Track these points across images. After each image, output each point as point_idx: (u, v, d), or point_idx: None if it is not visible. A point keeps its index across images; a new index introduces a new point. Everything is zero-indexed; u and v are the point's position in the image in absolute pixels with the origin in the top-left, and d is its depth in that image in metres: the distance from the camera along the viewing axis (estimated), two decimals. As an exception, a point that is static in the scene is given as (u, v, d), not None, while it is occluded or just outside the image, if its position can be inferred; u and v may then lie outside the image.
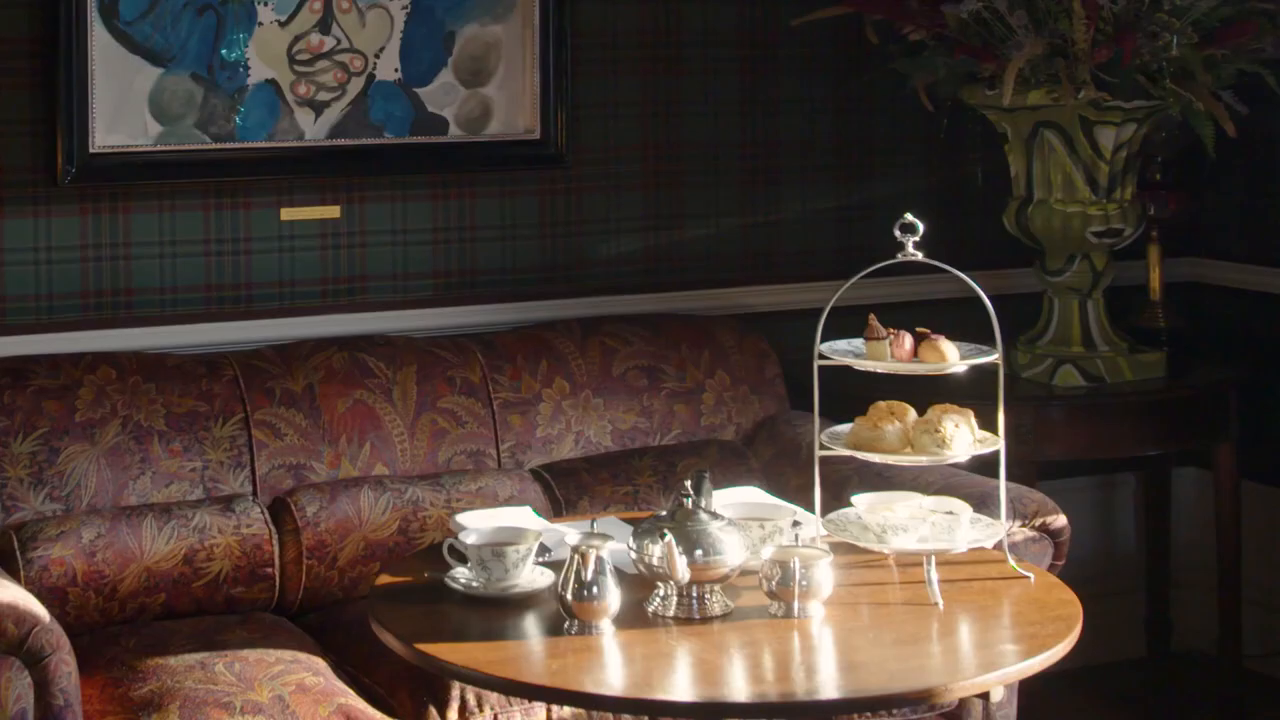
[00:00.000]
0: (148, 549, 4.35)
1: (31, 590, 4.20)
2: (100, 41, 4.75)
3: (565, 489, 4.74)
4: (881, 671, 3.40)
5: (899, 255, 3.89)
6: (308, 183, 5.03)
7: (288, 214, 5.03)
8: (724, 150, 5.45)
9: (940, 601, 3.69)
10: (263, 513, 4.48)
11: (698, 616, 3.59)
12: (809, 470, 3.97)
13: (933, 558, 3.74)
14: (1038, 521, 4.49)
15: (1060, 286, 5.29)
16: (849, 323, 4.13)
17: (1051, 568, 4.53)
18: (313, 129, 4.98)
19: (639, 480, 4.78)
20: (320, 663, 4.14)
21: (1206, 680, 5.68)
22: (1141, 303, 5.64)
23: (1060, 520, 4.52)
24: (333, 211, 5.07)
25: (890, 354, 3.79)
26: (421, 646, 3.46)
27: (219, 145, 4.90)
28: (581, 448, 4.93)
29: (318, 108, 4.98)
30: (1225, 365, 5.52)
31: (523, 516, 4.08)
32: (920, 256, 3.89)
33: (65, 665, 3.73)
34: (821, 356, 3.84)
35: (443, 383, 4.85)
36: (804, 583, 3.57)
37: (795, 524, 3.88)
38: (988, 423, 3.91)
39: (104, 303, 4.87)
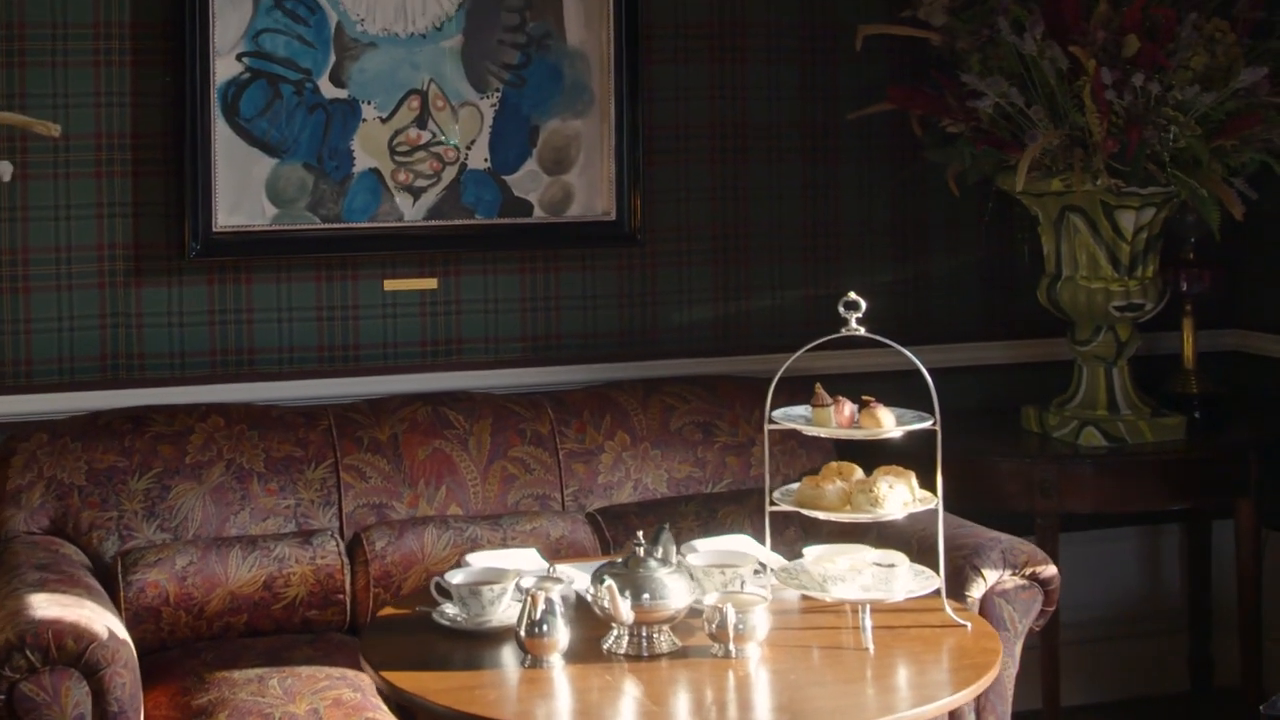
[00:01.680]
0: (232, 575, 4.41)
1: (129, 609, 4.31)
2: (223, 136, 4.84)
3: (614, 530, 4.71)
4: (787, 711, 3.33)
5: (843, 330, 3.79)
6: (408, 258, 5.06)
7: (390, 285, 5.06)
8: (787, 230, 5.38)
9: (871, 647, 3.61)
10: (337, 545, 4.52)
11: (646, 654, 3.56)
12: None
13: (868, 606, 3.65)
14: (1028, 571, 4.35)
15: (1088, 355, 5.14)
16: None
17: (1042, 614, 4.41)
18: (411, 211, 5.02)
19: (682, 524, 4.71)
20: (367, 680, 4.15)
21: (1242, 714, 5.46)
22: (1176, 370, 5.45)
23: (1050, 570, 4.37)
24: (430, 283, 5.09)
25: (833, 420, 3.72)
26: (386, 674, 3.48)
27: (328, 225, 4.96)
28: (639, 493, 4.89)
29: (416, 192, 5.02)
30: (1250, 428, 5.30)
31: (528, 558, 4.06)
32: (862, 331, 3.79)
33: (120, 677, 3.77)
34: (772, 421, 3.79)
35: (514, 434, 4.84)
36: (740, 626, 3.51)
37: (756, 571, 3.84)
38: (986, 480, 3.80)
39: (229, 360, 4.95)
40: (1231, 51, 4.87)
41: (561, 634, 3.48)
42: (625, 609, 3.49)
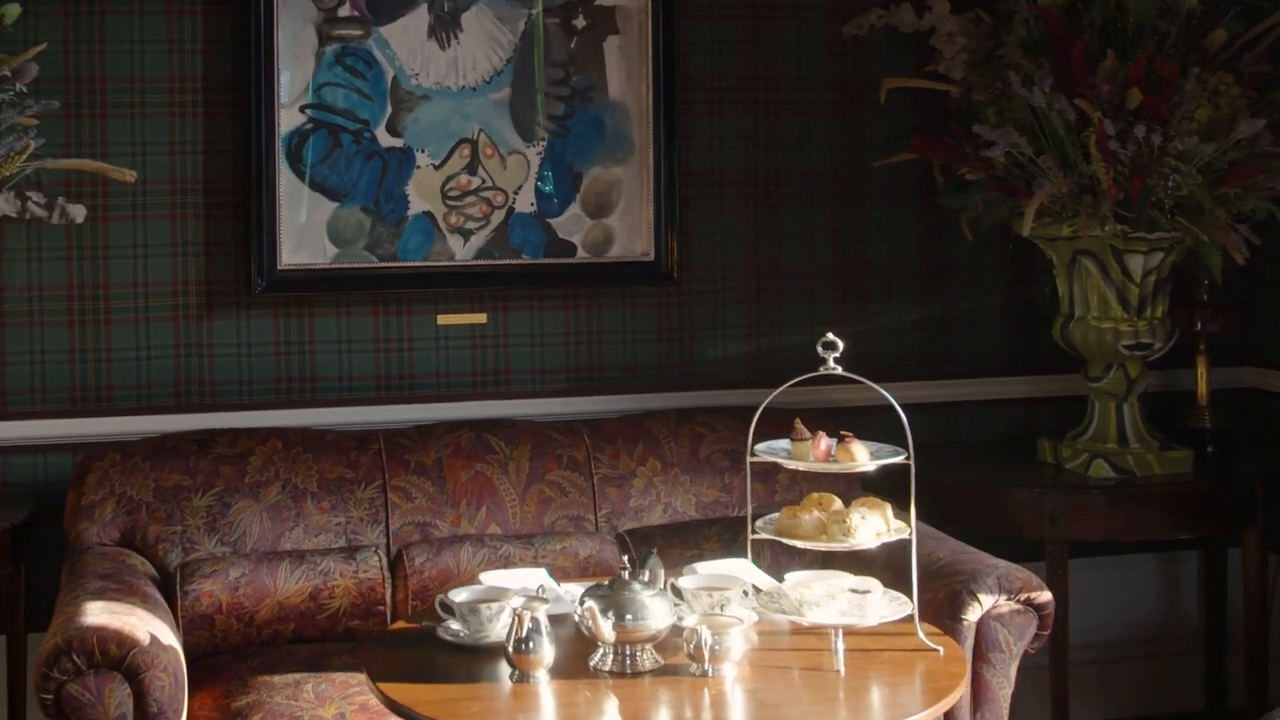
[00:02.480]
0: (281, 586, 4.45)
1: (185, 616, 4.37)
2: (287, 181, 4.91)
3: (640, 550, 4.69)
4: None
5: (821, 369, 3.77)
6: (459, 294, 5.10)
7: (443, 319, 5.10)
8: (818, 270, 5.36)
9: (842, 669, 3.57)
10: (380, 560, 4.55)
11: (629, 671, 3.54)
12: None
13: (840, 630, 3.61)
14: (1023, 596, 4.27)
15: (1099, 391, 5.07)
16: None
17: (1037, 638, 4.33)
18: (462, 251, 5.05)
19: (705, 545, 4.71)
20: (395, 686, 4.20)
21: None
22: (1191, 406, 5.37)
23: (1045, 595, 4.29)
24: (480, 318, 5.12)
25: (810, 454, 3.70)
26: (381, 685, 3.48)
27: (384, 264, 5.01)
28: (669, 516, 4.88)
29: (466, 234, 5.06)
30: (1259, 462, 5.19)
31: (537, 577, 4.06)
32: (839, 370, 3.75)
33: (159, 680, 3.80)
34: (754, 454, 3.77)
35: (552, 459, 4.85)
36: (715, 647, 3.48)
37: (746, 594, 3.81)
38: (1000, 508, 3.68)
39: (292, 388, 5.01)
40: (1236, 104, 4.80)
41: (547, 651, 3.47)
42: (606, 628, 3.48)
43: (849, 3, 5.28)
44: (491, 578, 4.00)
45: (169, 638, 3.96)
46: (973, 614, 4.24)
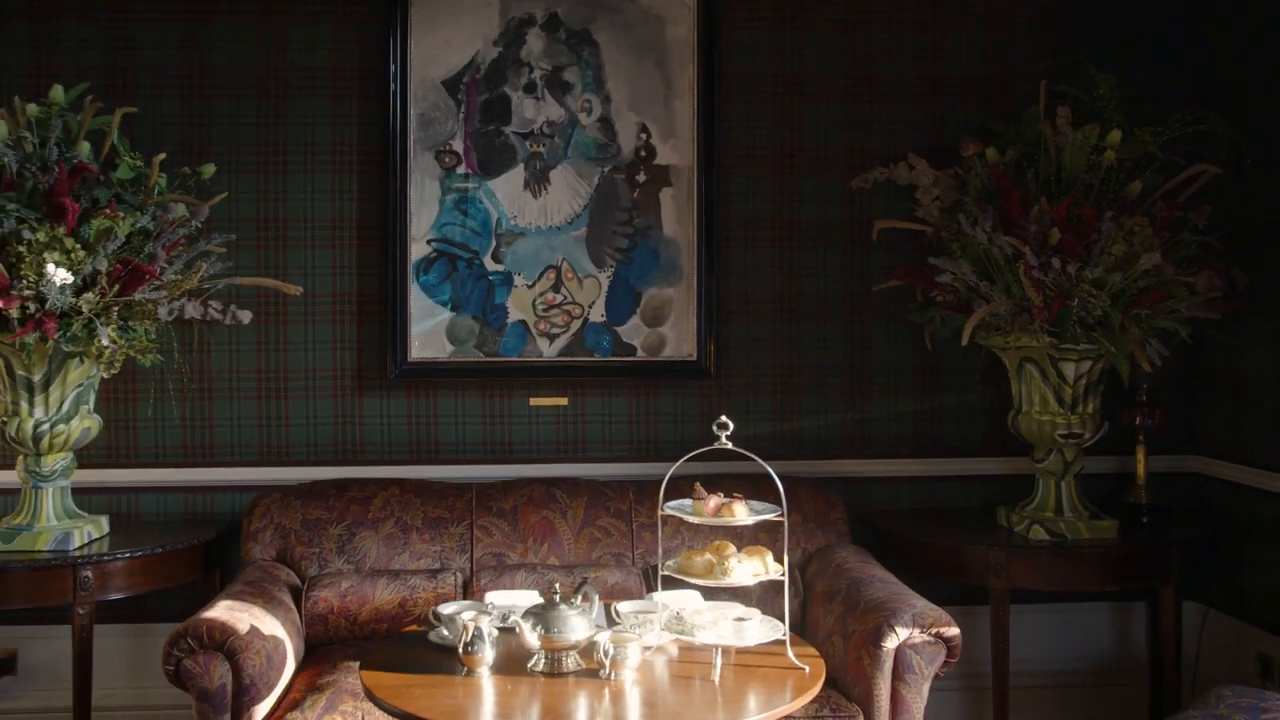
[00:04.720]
0: (378, 596, 4.71)
1: (306, 616, 4.66)
2: (416, 296, 5.18)
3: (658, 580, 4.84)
4: (646, 707, 3.46)
5: (715, 444, 3.86)
6: (546, 383, 5.29)
7: (534, 401, 5.28)
8: (830, 370, 5.40)
9: (717, 679, 3.64)
10: (455, 580, 4.76)
11: (555, 672, 3.66)
12: (835, 579, 4.15)
13: (719, 648, 3.69)
14: (934, 630, 4.27)
15: (1043, 470, 5.01)
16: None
17: (946, 664, 4.31)
18: (549, 350, 5.27)
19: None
20: (444, 674, 4.41)
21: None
22: (1132, 486, 5.24)
23: (953, 630, 4.28)
24: (563, 400, 5.29)
25: (704, 511, 3.80)
26: (362, 672, 3.66)
27: (489, 359, 5.24)
28: (690, 557, 5.02)
29: (552, 337, 5.27)
30: (1180, 531, 5.03)
31: (531, 598, 4.21)
32: (730, 445, 3.84)
33: (251, 661, 4.08)
34: (663, 509, 3.89)
35: (602, 509, 5.02)
36: (616, 656, 3.59)
37: (672, 617, 3.92)
38: (956, 561, 3.72)
39: (421, 449, 5.26)
40: (1149, 242, 4.73)
41: (488, 652, 3.61)
42: (533, 638, 3.61)
43: (857, 160, 5.37)
44: (493, 596, 4.19)
45: (273, 629, 4.25)
46: (890, 643, 4.26)
